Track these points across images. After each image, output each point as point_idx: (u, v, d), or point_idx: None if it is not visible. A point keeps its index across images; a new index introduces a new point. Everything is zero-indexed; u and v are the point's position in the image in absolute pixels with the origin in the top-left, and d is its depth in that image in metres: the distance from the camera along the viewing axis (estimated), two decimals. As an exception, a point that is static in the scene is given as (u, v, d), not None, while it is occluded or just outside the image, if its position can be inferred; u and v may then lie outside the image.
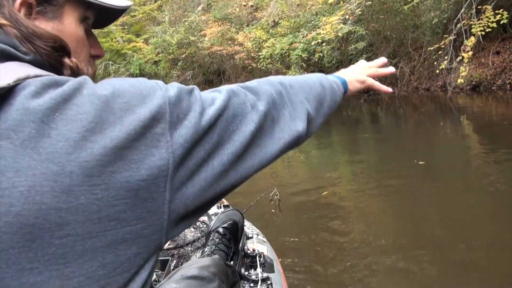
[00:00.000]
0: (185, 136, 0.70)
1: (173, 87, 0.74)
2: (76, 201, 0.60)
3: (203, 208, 0.77)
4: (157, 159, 0.66)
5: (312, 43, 15.81)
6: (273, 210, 5.23)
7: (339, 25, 14.02)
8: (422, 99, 15.95)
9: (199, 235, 2.83)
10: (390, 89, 1.44)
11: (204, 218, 3.02)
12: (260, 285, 2.17)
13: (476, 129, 9.75)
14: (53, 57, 0.77)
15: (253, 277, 2.23)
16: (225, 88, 0.85)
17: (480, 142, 8.42)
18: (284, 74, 20.91)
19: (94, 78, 0.88)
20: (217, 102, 0.79)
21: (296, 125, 0.95)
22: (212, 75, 27.41)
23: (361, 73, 1.37)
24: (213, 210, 3.15)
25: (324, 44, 15.07)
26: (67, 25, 0.84)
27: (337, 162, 8.17)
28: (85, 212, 0.60)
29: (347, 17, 14.11)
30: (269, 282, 2.20)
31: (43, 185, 0.59)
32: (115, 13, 0.94)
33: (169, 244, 2.69)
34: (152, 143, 0.66)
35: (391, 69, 1.41)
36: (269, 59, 22.18)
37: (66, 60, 0.80)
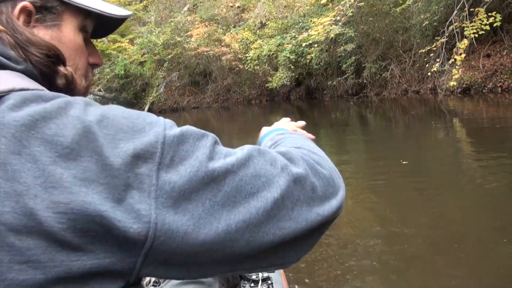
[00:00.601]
0: (174, 183, 0.62)
1: (181, 128, 0.68)
2: (39, 226, 0.56)
3: (196, 268, 0.68)
4: (136, 202, 0.60)
5: (303, 44, 15.60)
6: None
7: (331, 26, 13.86)
8: (412, 101, 15.91)
9: None
10: (312, 137, 1.27)
11: None
12: (261, 285, 2.13)
13: (466, 132, 9.69)
14: (46, 65, 0.74)
15: (254, 277, 2.19)
16: (250, 146, 0.76)
17: (469, 144, 8.35)
18: (272, 76, 20.86)
19: (91, 85, 0.91)
20: (232, 156, 0.69)
21: (339, 197, 0.82)
22: (199, 76, 27.30)
23: (288, 125, 1.28)
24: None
25: (316, 45, 14.90)
26: (66, 33, 0.83)
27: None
28: (49, 239, 0.56)
29: (338, 18, 13.93)
30: (269, 282, 2.17)
31: (5, 205, 0.56)
32: (115, 22, 0.93)
33: None
34: (133, 183, 0.60)
35: (301, 123, 1.38)
36: (257, 61, 22.01)
37: (61, 69, 0.77)
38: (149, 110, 27.96)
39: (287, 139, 1.00)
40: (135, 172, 0.61)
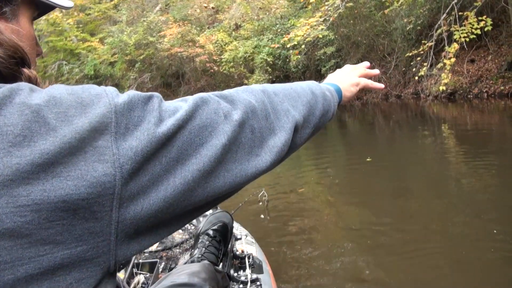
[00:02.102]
0: (135, 148, 0.63)
1: (125, 95, 0.68)
2: (0, 225, 0.54)
3: (163, 227, 0.70)
4: (100, 174, 0.59)
5: (288, 45, 15.15)
6: (261, 214, 5.29)
7: (319, 26, 13.43)
8: (394, 106, 15.67)
9: (187, 236, 2.82)
10: (382, 85, 1.39)
11: None
12: (250, 286, 2.18)
13: (453, 137, 9.71)
14: (8, 66, 0.70)
15: (243, 278, 2.25)
16: (193, 96, 0.78)
17: (454, 149, 8.31)
18: (248, 78, 20.42)
19: (45, 79, 1.04)
20: (179, 112, 0.71)
21: (280, 137, 0.87)
22: (171, 78, 26.65)
23: (353, 75, 1.26)
24: (202, 211, 3.11)
25: (303, 45, 14.49)
26: (23, 25, 0.82)
27: (313, 165, 8.40)
28: (12, 237, 0.54)
29: (326, 18, 13.52)
30: (258, 283, 2.22)
31: None
32: (49, 9, 0.91)
33: (157, 246, 2.69)
34: (93, 157, 0.60)
35: (376, 71, 1.34)
36: (232, 63, 21.52)
37: (25, 70, 0.73)
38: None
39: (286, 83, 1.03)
40: (94, 146, 0.60)
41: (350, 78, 1.23)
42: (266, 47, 20.09)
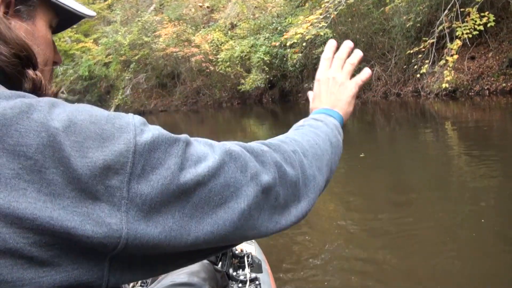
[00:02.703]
0: (145, 196, 0.60)
1: (150, 132, 0.64)
2: (3, 244, 0.52)
3: (161, 265, 0.69)
4: (107, 216, 0.57)
5: (288, 44, 14.96)
6: None
7: (320, 23, 13.24)
8: (394, 104, 15.53)
9: None
10: (370, 72, 1.15)
11: None
12: (249, 286, 2.16)
13: (457, 135, 9.57)
14: (12, 66, 0.67)
15: (242, 277, 2.23)
16: (222, 148, 0.72)
17: (459, 148, 8.14)
18: (244, 78, 20.22)
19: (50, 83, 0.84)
20: (203, 165, 0.67)
21: (303, 206, 0.83)
22: (166, 78, 26.46)
23: (345, 85, 1.10)
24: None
25: (304, 43, 14.30)
26: (39, 28, 0.80)
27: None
28: (14, 257, 0.53)
29: (327, 15, 13.33)
30: (257, 282, 2.21)
31: None
32: (75, 21, 0.91)
33: None
34: (103, 197, 0.58)
35: (358, 53, 1.14)
36: (228, 62, 21.32)
37: (30, 72, 0.70)
38: (115, 113, 27.11)
39: (298, 131, 0.97)
40: (106, 185, 0.58)
41: (345, 94, 1.09)
42: (263, 46, 19.91)
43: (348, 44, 1.14)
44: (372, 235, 4.44)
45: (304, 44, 14.53)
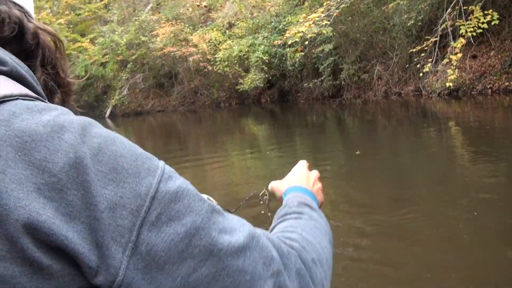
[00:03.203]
0: (151, 247, 0.58)
1: (179, 182, 0.63)
2: (22, 253, 0.52)
3: None
4: (111, 254, 0.56)
5: (289, 42, 14.79)
6: (262, 211, 5.24)
7: (322, 21, 13.06)
8: (395, 104, 15.40)
9: None
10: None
11: None
12: None
13: (454, 133, 9.62)
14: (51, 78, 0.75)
15: None
16: (253, 231, 0.69)
17: (467, 150, 8.00)
18: (243, 77, 20.04)
19: None
20: (227, 237, 0.64)
21: None
22: (164, 78, 26.23)
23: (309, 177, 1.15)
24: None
25: (306, 42, 14.13)
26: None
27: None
28: (33, 266, 0.53)
29: (330, 13, 13.16)
30: None
31: None
32: None
33: None
34: (113, 233, 0.56)
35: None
36: (227, 62, 21.12)
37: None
38: (111, 114, 27.00)
39: (303, 222, 0.93)
40: (117, 223, 0.56)
41: (311, 180, 1.14)
42: (262, 46, 19.73)
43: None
44: (373, 234, 4.47)
45: (306, 42, 14.35)
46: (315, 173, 1.17)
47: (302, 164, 1.19)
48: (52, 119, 0.58)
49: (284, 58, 19.00)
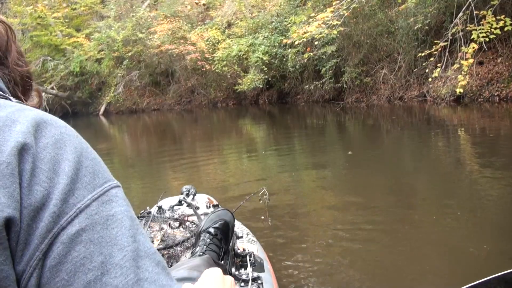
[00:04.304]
0: (58, 264, 0.55)
1: (117, 209, 0.61)
2: None
3: None
4: (23, 254, 0.55)
5: (296, 42, 14.45)
6: (262, 213, 5.30)
7: (332, 21, 12.72)
8: (398, 109, 15.13)
9: (188, 235, 2.79)
10: None
11: (193, 218, 3.03)
12: (251, 285, 2.19)
13: (460, 140, 9.51)
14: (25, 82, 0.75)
15: (244, 276, 2.24)
16: None
17: (474, 158, 7.83)
18: (242, 77, 19.73)
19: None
20: None
21: None
22: (160, 76, 25.82)
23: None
24: (203, 210, 3.22)
25: (316, 42, 13.81)
26: None
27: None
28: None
29: (340, 13, 12.82)
30: (259, 281, 2.22)
31: None
32: None
33: (158, 245, 2.68)
34: (27, 235, 0.55)
35: None
36: (225, 61, 20.76)
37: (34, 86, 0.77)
38: (106, 111, 26.55)
39: None
40: (37, 225, 0.55)
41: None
42: (262, 46, 19.38)
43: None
44: (376, 237, 4.49)
45: (316, 43, 14.02)
46: (229, 279, 0.97)
47: (216, 274, 0.94)
48: (5, 115, 0.58)
49: (284, 59, 18.66)
